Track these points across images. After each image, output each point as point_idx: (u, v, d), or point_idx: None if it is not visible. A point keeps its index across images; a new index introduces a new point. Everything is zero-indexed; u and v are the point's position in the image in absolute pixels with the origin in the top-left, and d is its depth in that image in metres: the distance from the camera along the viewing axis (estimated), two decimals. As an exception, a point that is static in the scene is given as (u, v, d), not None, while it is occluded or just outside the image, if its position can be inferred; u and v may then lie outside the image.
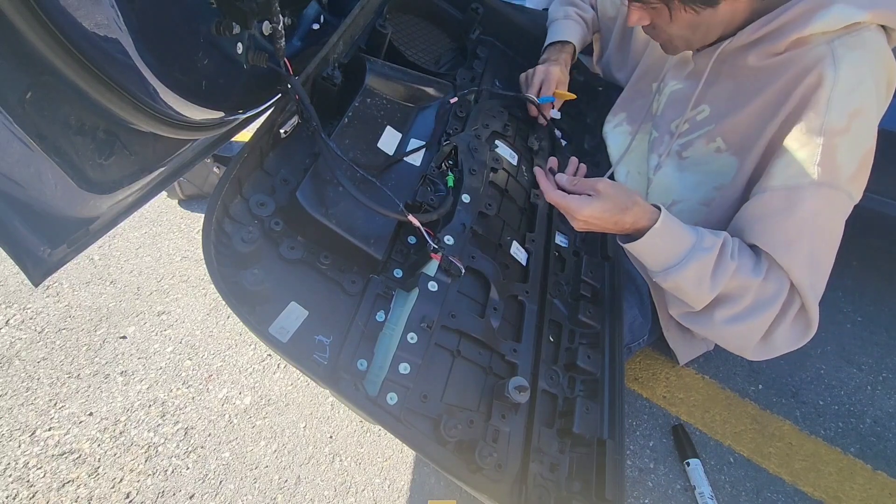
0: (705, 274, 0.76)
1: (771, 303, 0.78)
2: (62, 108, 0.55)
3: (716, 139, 0.87)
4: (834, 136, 0.72)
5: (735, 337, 0.83)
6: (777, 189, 0.76)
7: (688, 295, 0.80)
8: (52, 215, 0.60)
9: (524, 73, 1.11)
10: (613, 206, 0.72)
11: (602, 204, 0.72)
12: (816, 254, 0.78)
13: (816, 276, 0.79)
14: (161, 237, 1.48)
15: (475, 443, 0.63)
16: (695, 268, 0.75)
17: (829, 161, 0.72)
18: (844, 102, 0.72)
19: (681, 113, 0.92)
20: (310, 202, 0.71)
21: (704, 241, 0.75)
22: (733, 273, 0.76)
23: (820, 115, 0.73)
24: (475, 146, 0.89)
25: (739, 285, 0.77)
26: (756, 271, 0.77)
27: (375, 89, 0.90)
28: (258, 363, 1.17)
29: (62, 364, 1.14)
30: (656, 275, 0.80)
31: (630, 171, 1.03)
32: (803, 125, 0.74)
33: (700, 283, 0.77)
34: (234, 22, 0.68)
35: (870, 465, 1.06)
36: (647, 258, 0.79)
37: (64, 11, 0.48)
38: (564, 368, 0.80)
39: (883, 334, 1.34)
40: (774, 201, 0.77)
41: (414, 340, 0.67)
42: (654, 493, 1.01)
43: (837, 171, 0.73)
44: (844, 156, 0.73)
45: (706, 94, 0.89)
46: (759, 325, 0.80)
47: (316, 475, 1.00)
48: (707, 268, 0.76)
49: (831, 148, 0.72)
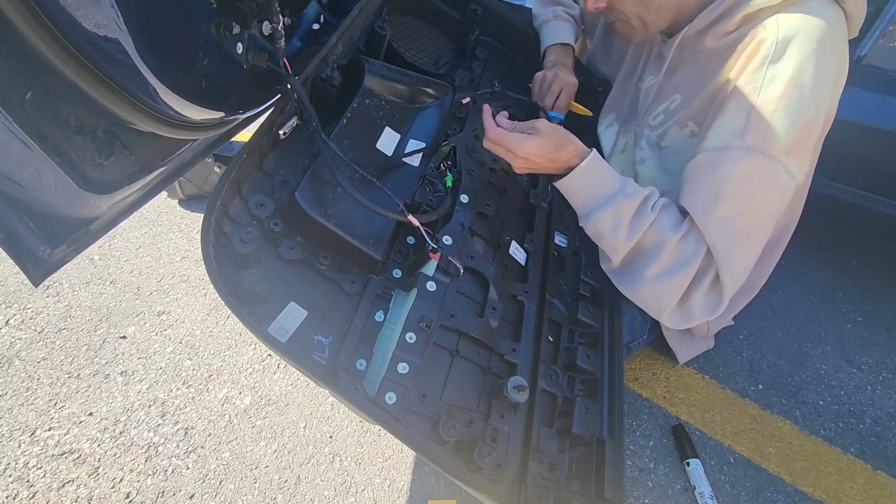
0: (623, 220, 0.78)
1: (686, 263, 0.77)
2: (62, 108, 0.55)
3: (687, 123, 0.88)
4: (769, 100, 0.71)
5: (652, 296, 0.82)
6: (708, 150, 0.77)
7: (606, 242, 0.82)
8: (52, 215, 0.60)
9: (541, 74, 1.09)
10: (550, 143, 0.77)
11: (540, 140, 0.76)
12: (738, 221, 0.76)
13: (735, 244, 0.77)
14: (161, 237, 1.48)
15: (474, 442, 0.63)
16: (613, 211, 0.77)
17: (761, 125, 0.72)
18: (782, 68, 0.71)
19: (656, 105, 0.94)
20: (309, 203, 0.71)
21: (628, 187, 0.78)
22: (651, 225, 0.77)
23: (757, 78, 0.73)
24: (474, 146, 0.89)
25: (656, 240, 0.78)
26: (675, 229, 0.77)
27: (374, 90, 0.90)
28: (258, 363, 1.17)
29: (62, 364, 1.15)
30: (581, 218, 0.83)
31: (624, 170, 1.04)
32: (740, 90, 0.75)
33: (617, 229, 0.78)
34: (233, 22, 0.68)
35: (870, 465, 1.06)
36: (574, 198, 0.82)
37: (64, 11, 0.48)
38: (564, 368, 0.80)
39: (883, 334, 1.34)
40: (703, 161, 0.77)
41: (413, 340, 0.68)
42: (654, 493, 1.01)
43: (770, 137, 0.72)
44: (779, 123, 0.71)
45: (675, 83, 0.91)
46: (674, 286, 0.79)
47: (316, 475, 1.00)
48: (626, 214, 0.77)
49: (766, 111, 0.71)
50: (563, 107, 1.08)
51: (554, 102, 1.07)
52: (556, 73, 1.08)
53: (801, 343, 1.30)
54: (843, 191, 1.27)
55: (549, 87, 1.08)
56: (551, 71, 1.09)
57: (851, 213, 1.29)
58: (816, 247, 1.55)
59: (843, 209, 1.29)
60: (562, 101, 1.08)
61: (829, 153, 1.26)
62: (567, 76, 1.08)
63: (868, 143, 1.21)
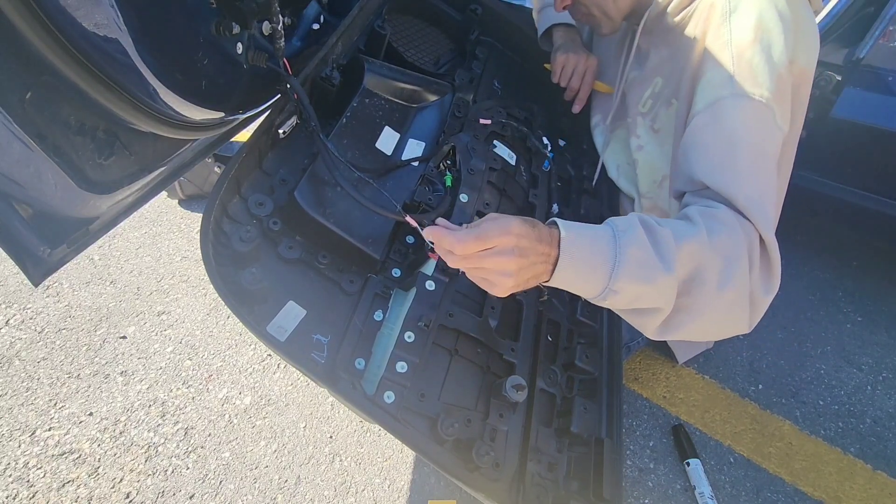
0: (648, 255, 0.60)
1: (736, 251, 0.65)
2: (62, 108, 0.56)
3: (671, 101, 0.89)
4: (743, 48, 0.73)
5: (727, 315, 0.67)
6: (701, 111, 0.75)
7: (649, 294, 0.62)
8: (52, 215, 0.60)
9: (562, 57, 1.06)
10: (522, 221, 0.56)
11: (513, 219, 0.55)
12: (756, 171, 0.70)
13: (761, 196, 0.69)
14: (161, 237, 1.48)
15: (473, 442, 0.63)
16: (633, 254, 0.59)
17: (743, 71, 0.72)
18: (743, 17, 0.74)
19: (642, 92, 0.95)
20: (308, 202, 0.71)
21: (618, 224, 0.61)
22: (674, 240, 0.61)
23: (723, 33, 0.75)
24: (473, 146, 0.89)
25: (691, 253, 0.62)
26: (693, 228, 0.64)
27: (374, 90, 0.91)
28: (258, 363, 1.18)
29: (62, 364, 1.15)
30: (603, 293, 0.60)
31: (620, 164, 1.04)
32: (711, 47, 0.76)
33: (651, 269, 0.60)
34: (233, 22, 0.68)
35: (870, 465, 1.06)
36: (583, 275, 0.60)
37: (64, 11, 0.48)
38: (563, 367, 0.80)
39: (883, 334, 1.34)
40: (700, 123, 0.75)
41: (411, 339, 0.68)
42: (654, 493, 1.01)
43: (755, 81, 0.72)
44: (759, 66, 0.72)
45: (653, 67, 0.92)
46: (740, 284, 0.65)
47: (316, 475, 1.00)
48: (644, 248, 0.60)
49: (743, 59, 0.73)
50: (588, 88, 1.09)
51: (580, 83, 1.07)
52: (577, 54, 1.07)
53: (801, 343, 1.30)
54: (843, 191, 1.27)
55: (573, 69, 1.07)
56: (572, 51, 1.08)
57: (851, 213, 1.29)
58: (816, 247, 1.55)
59: (844, 209, 1.29)
60: (587, 82, 1.08)
61: (829, 153, 1.27)
62: (587, 56, 1.08)
63: (868, 143, 1.21)
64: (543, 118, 1.11)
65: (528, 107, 1.09)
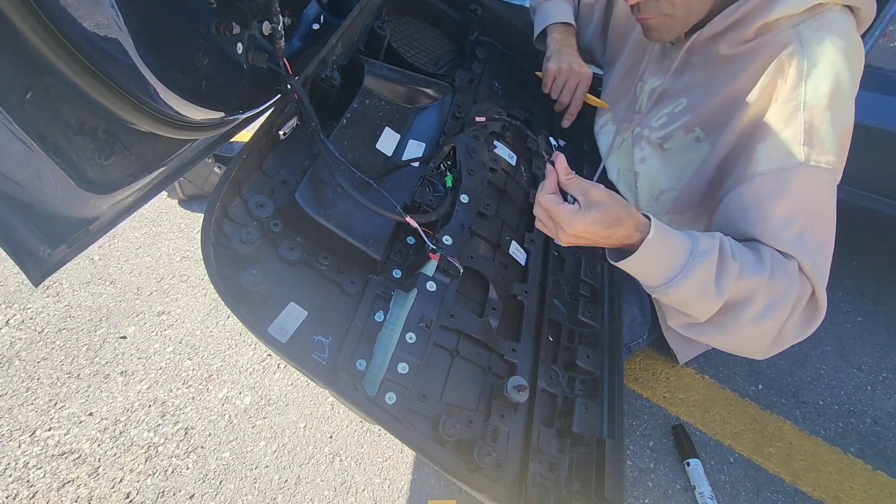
0: (709, 280, 0.69)
1: (784, 298, 0.72)
2: (62, 108, 0.55)
3: (694, 129, 0.87)
4: (815, 114, 0.71)
5: (748, 339, 0.77)
6: (765, 174, 0.74)
7: (693, 307, 0.74)
8: (52, 215, 0.60)
9: (554, 67, 1.04)
10: (608, 218, 0.65)
11: (596, 215, 0.65)
12: (817, 234, 0.75)
13: (821, 256, 0.75)
14: (161, 237, 1.48)
15: (474, 442, 0.63)
16: (697, 276, 0.69)
17: (813, 139, 0.71)
18: (819, 81, 0.71)
19: (660, 107, 0.93)
20: (309, 203, 0.71)
21: (700, 244, 0.70)
22: (738, 274, 0.70)
23: (797, 95, 0.72)
24: (474, 147, 0.89)
25: (747, 287, 0.71)
26: (760, 267, 0.72)
27: (374, 90, 0.90)
28: (258, 363, 1.17)
29: (62, 364, 1.15)
30: (656, 290, 0.73)
31: (621, 169, 1.04)
32: (782, 107, 0.74)
33: (705, 292, 0.70)
34: (234, 22, 0.68)
35: (870, 465, 1.06)
36: (645, 273, 0.72)
37: (64, 11, 0.48)
38: (564, 368, 0.80)
39: (883, 334, 1.34)
40: (765, 186, 0.74)
41: (413, 340, 0.67)
42: (654, 492, 1.01)
43: (824, 147, 0.72)
44: (828, 133, 0.72)
45: (681, 87, 0.90)
46: (772, 324, 0.74)
47: (316, 475, 1.00)
48: (710, 273, 0.69)
49: (814, 126, 0.71)
50: (579, 103, 1.05)
51: (571, 98, 1.05)
52: (570, 66, 1.04)
53: (800, 343, 1.29)
54: (843, 191, 1.25)
55: (564, 82, 1.04)
56: (564, 62, 1.04)
57: (852, 213, 1.29)
58: (816, 247, 1.55)
59: (844, 209, 1.29)
60: (578, 97, 1.05)
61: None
62: (581, 68, 1.05)
63: (868, 143, 1.21)
64: (543, 118, 1.11)
65: (528, 107, 1.09)
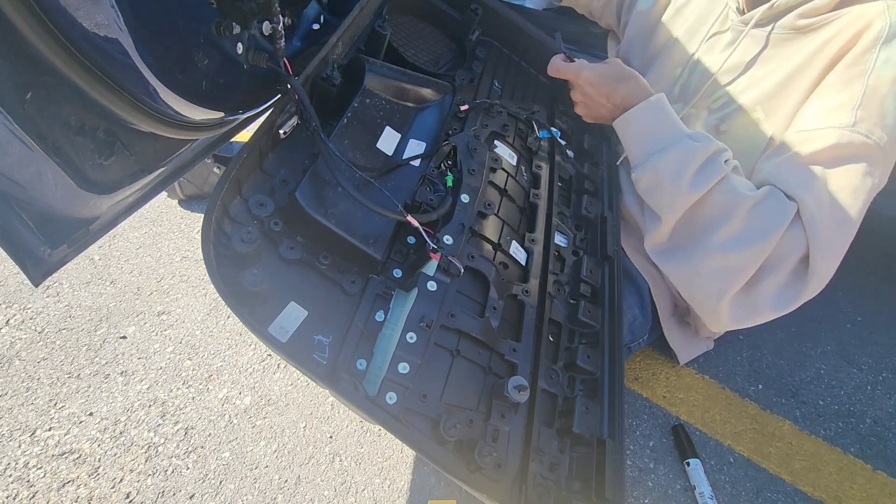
0: (689, 165, 0.65)
1: (764, 234, 0.63)
2: (62, 108, 0.55)
3: (755, 108, 0.79)
4: (881, 83, 0.63)
5: (714, 272, 0.67)
6: (812, 130, 0.66)
7: (664, 191, 0.68)
8: (52, 215, 0.60)
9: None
10: (610, 72, 0.73)
11: (601, 68, 0.73)
12: (841, 204, 0.65)
13: (837, 229, 0.65)
14: (161, 237, 1.48)
15: (475, 442, 0.63)
16: (679, 154, 0.65)
17: (871, 109, 0.63)
18: (894, 51, 0.64)
19: (718, 85, 0.85)
20: (309, 202, 0.71)
21: (698, 135, 0.66)
22: (721, 181, 0.64)
23: (867, 60, 0.65)
24: (474, 146, 0.89)
25: (725, 201, 0.65)
26: (749, 190, 0.65)
27: (374, 90, 0.90)
28: (258, 363, 1.17)
29: (62, 364, 1.15)
30: (638, 166, 0.70)
31: None
32: (846, 69, 0.66)
33: (680, 174, 0.65)
34: (234, 22, 0.68)
35: (870, 465, 1.06)
36: (635, 137, 0.72)
37: (64, 11, 0.48)
38: (564, 368, 0.80)
39: (883, 334, 1.34)
40: (801, 139, 0.66)
41: (413, 340, 0.67)
42: (654, 492, 1.01)
43: (879, 122, 0.63)
44: (889, 108, 0.63)
45: (745, 62, 0.82)
46: (746, 259, 0.65)
47: (316, 475, 1.00)
48: (693, 159, 0.65)
49: (876, 96, 0.63)
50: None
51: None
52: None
53: (801, 343, 1.30)
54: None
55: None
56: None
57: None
58: (816, 247, 1.55)
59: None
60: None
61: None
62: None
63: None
64: (544, 118, 1.11)
65: (529, 107, 1.09)
